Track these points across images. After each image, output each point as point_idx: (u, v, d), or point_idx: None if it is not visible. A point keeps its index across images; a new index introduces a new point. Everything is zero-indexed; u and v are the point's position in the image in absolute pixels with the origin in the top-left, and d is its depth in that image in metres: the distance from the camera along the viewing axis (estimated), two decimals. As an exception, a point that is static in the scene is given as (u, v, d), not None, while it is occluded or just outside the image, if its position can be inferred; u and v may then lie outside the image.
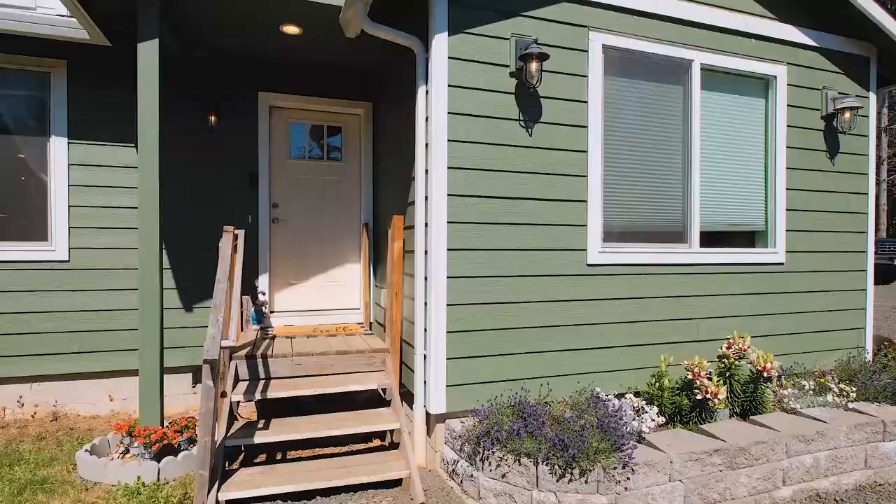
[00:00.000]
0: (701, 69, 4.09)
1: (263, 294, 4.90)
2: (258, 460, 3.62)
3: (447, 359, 3.42)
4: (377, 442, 3.94)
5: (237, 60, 4.81)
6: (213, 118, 4.78)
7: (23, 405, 4.39)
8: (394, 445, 3.71)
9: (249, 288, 4.89)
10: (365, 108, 5.28)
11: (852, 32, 4.58)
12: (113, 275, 4.54)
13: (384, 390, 3.77)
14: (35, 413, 4.42)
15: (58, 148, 4.42)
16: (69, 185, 4.45)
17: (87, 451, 3.36)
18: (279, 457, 3.69)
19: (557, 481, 2.74)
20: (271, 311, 5.07)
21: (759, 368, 3.73)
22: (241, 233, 4.03)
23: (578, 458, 2.73)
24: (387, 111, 4.77)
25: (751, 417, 3.60)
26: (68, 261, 4.45)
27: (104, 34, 4.02)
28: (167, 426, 3.56)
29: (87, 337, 4.49)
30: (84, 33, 4.07)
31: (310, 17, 3.88)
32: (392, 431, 3.79)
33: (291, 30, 4.16)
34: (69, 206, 4.45)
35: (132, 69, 3.75)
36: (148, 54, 3.48)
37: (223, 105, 4.83)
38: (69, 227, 4.45)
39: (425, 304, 3.50)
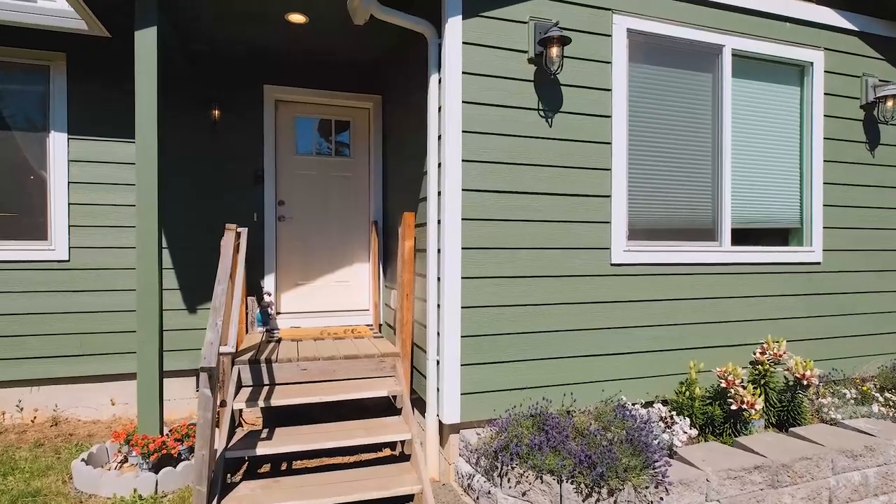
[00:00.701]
0: (732, 55, 3.82)
1: (269, 295, 4.72)
2: (262, 471, 3.43)
3: (461, 365, 3.20)
4: (387, 451, 3.74)
5: (241, 53, 4.63)
6: (216, 113, 4.60)
7: (22, 409, 4.25)
8: (404, 456, 3.50)
9: (255, 288, 4.72)
10: (374, 102, 5.07)
11: (895, 15, 4.27)
12: (114, 275, 4.38)
13: (394, 397, 3.56)
14: (35, 417, 4.28)
15: (57, 144, 4.27)
16: (69, 183, 4.29)
17: (83, 460, 3.20)
18: (284, 467, 3.50)
19: (584, 501, 2.50)
20: (277, 313, 4.89)
21: (798, 376, 3.46)
22: (243, 231, 3.85)
23: (607, 476, 2.49)
24: (397, 103, 4.56)
25: (790, 430, 3.33)
26: (68, 260, 4.30)
27: (104, 25, 3.87)
28: (168, 433, 3.38)
29: (88, 339, 4.34)
30: (83, 23, 3.91)
31: (316, 4, 3.68)
32: (403, 441, 3.58)
33: (297, 19, 3.97)
34: (69, 204, 4.29)
35: (133, 63, 3.57)
36: (146, 42, 3.30)
37: (226, 100, 4.66)
38: (69, 226, 4.30)
39: (438, 306, 3.28)
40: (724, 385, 3.36)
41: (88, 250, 4.34)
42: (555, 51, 3.18)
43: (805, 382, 3.45)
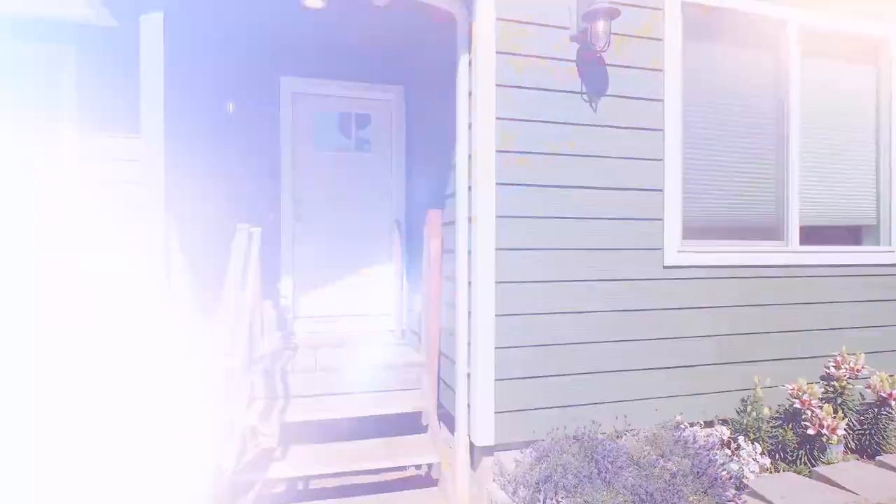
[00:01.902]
0: (800, 31, 3.39)
1: (286, 298, 4.46)
2: (276, 491, 3.14)
3: (496, 380, 2.85)
4: (412, 471, 3.42)
5: (255, 43, 4.38)
6: (230, 106, 4.36)
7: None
8: (431, 478, 3.17)
9: (271, 291, 4.45)
10: (395, 93, 4.77)
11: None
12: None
13: (420, 413, 3.24)
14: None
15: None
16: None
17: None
18: (301, 486, 3.22)
19: (644, 546, 2.13)
20: (295, 317, 4.63)
21: (885, 395, 3.00)
22: (256, 231, 3.57)
23: (673, 517, 2.12)
24: (420, 93, 4.24)
25: (877, 458, 2.89)
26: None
27: (111, 15, 3.66)
28: (177, 449, 3.13)
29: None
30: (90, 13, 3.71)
31: (334, -17, 3.40)
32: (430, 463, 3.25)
33: (313, 3, 3.68)
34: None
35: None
36: (152, 29, 3.05)
37: (241, 92, 4.41)
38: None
39: (469, 313, 2.94)
40: (798, 405, 2.93)
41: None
42: (601, 25, 2.81)
43: (893, 403, 2.99)
